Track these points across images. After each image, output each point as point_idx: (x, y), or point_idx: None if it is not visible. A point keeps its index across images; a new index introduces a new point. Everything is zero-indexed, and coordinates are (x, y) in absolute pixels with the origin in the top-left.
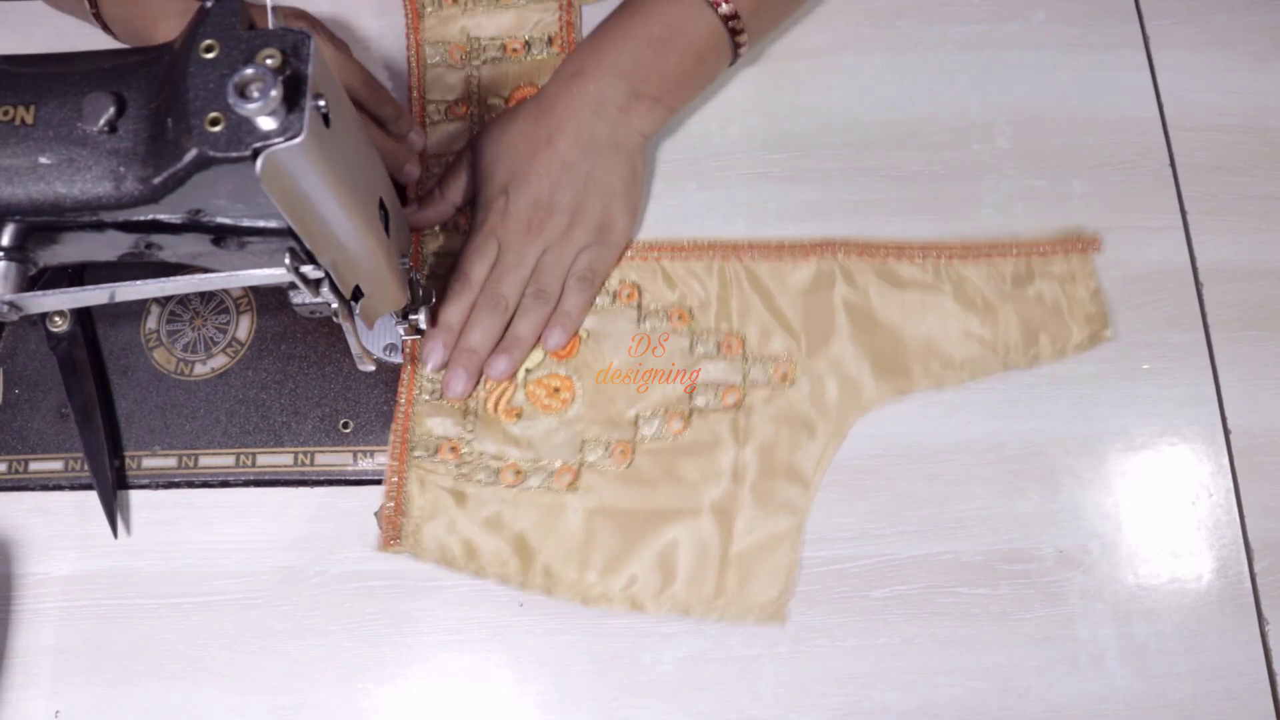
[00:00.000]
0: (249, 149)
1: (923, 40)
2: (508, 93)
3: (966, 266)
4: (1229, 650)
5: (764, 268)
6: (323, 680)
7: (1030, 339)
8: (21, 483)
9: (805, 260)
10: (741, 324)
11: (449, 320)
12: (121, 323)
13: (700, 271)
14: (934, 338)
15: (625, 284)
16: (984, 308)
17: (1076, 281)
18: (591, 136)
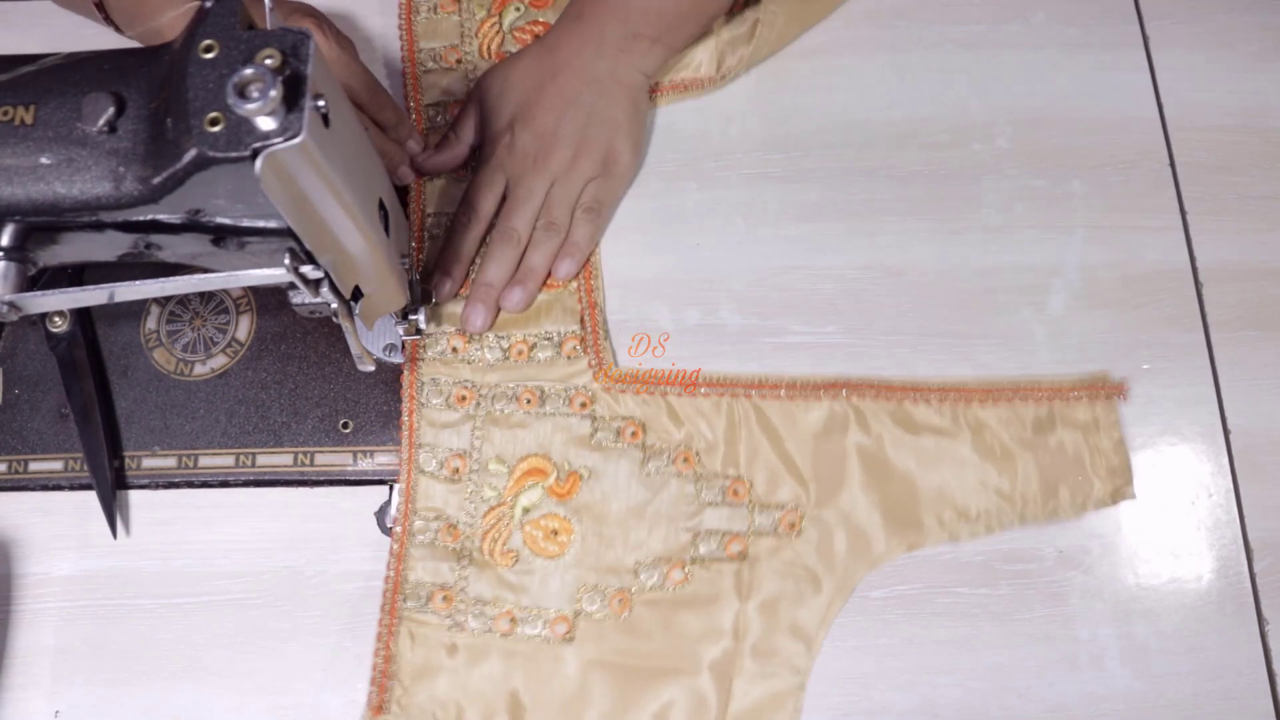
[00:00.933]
0: (248, 149)
1: (923, 40)
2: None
3: (986, 410)
4: (1229, 650)
5: (774, 407)
6: (323, 680)
7: (1049, 492)
8: (21, 483)
9: (817, 401)
10: (749, 469)
11: (458, 252)
12: (121, 323)
13: (708, 410)
14: (949, 488)
15: (630, 421)
16: (1002, 456)
17: (1100, 431)
18: (594, 73)
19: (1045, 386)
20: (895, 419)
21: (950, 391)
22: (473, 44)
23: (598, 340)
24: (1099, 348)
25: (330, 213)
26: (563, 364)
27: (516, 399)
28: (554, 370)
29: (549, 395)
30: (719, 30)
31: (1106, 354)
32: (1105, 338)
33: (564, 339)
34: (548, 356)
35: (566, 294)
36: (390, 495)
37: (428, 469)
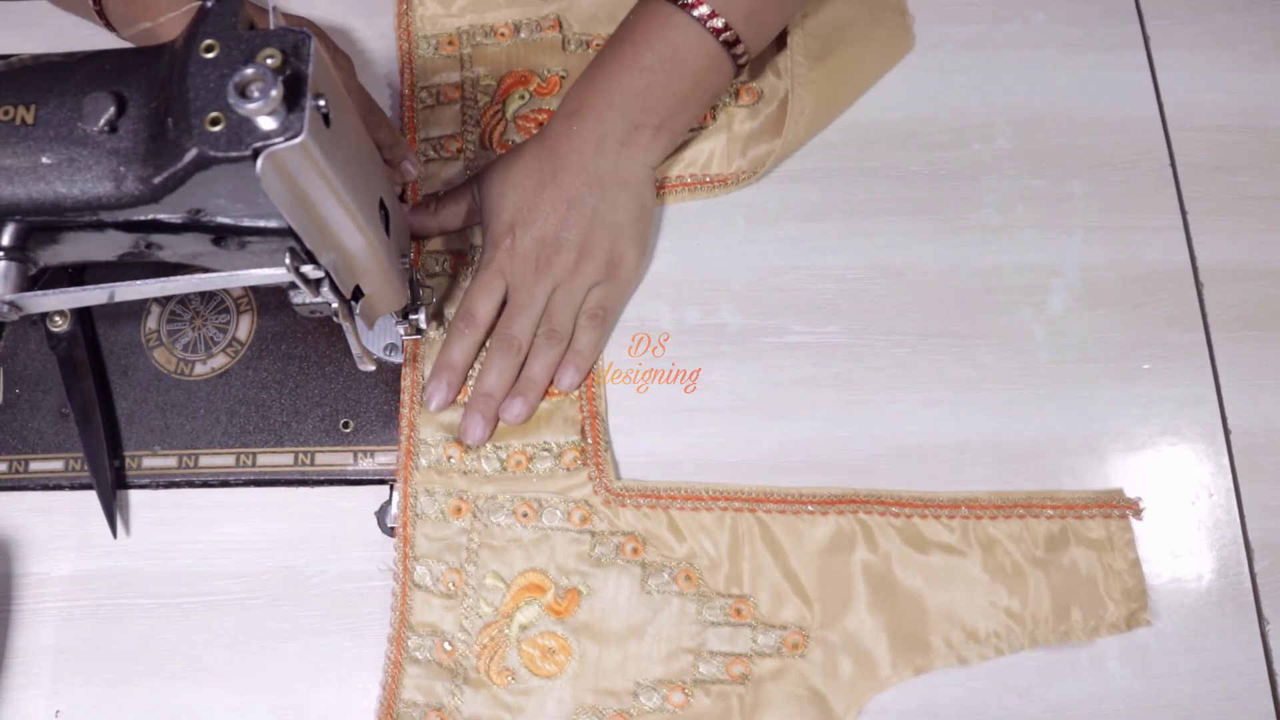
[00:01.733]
0: (249, 149)
1: (923, 40)
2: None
3: (997, 525)
4: (1229, 650)
5: (779, 522)
6: (323, 680)
7: (1061, 614)
8: (21, 483)
9: (824, 516)
10: (753, 587)
11: (454, 360)
12: (121, 323)
13: (710, 524)
14: (958, 608)
15: (630, 536)
16: (1013, 574)
17: (1114, 550)
18: (596, 172)
19: (1059, 502)
20: (904, 536)
21: (961, 506)
22: (474, 133)
23: (598, 452)
24: (1099, 348)
25: (331, 212)
26: (562, 476)
27: (514, 512)
28: (553, 483)
29: (546, 508)
30: (731, 123)
31: (1106, 354)
32: (1105, 338)
33: (564, 450)
34: (547, 468)
35: (567, 403)
36: (390, 495)
37: (423, 584)
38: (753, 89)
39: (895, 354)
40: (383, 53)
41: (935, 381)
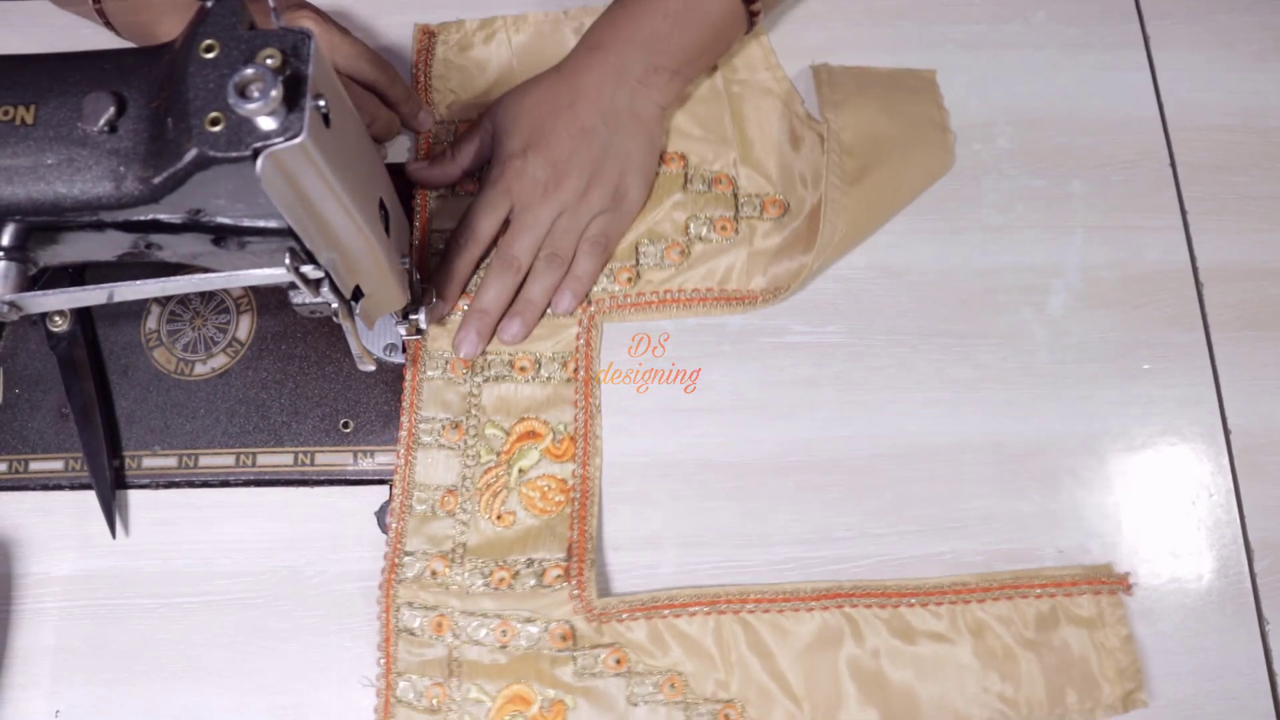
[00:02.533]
0: (249, 149)
1: (923, 40)
2: (511, 422)
3: (985, 609)
4: (1229, 650)
5: (764, 621)
6: (323, 680)
7: (1056, 697)
8: (21, 483)
9: (809, 612)
10: (741, 691)
11: (456, 271)
12: (121, 323)
13: (694, 631)
14: (950, 698)
15: (613, 649)
16: (1005, 658)
17: (1106, 627)
18: (612, 104)
19: (1046, 580)
20: (891, 627)
21: (948, 593)
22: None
23: (582, 571)
24: (1099, 348)
25: (330, 212)
26: (544, 594)
27: (494, 631)
28: (534, 600)
29: (526, 628)
30: (753, 237)
31: (1106, 354)
32: (1105, 338)
33: (547, 568)
34: (530, 586)
35: (558, 520)
36: (390, 495)
37: (406, 699)
38: (779, 201)
39: (895, 354)
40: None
41: (935, 381)
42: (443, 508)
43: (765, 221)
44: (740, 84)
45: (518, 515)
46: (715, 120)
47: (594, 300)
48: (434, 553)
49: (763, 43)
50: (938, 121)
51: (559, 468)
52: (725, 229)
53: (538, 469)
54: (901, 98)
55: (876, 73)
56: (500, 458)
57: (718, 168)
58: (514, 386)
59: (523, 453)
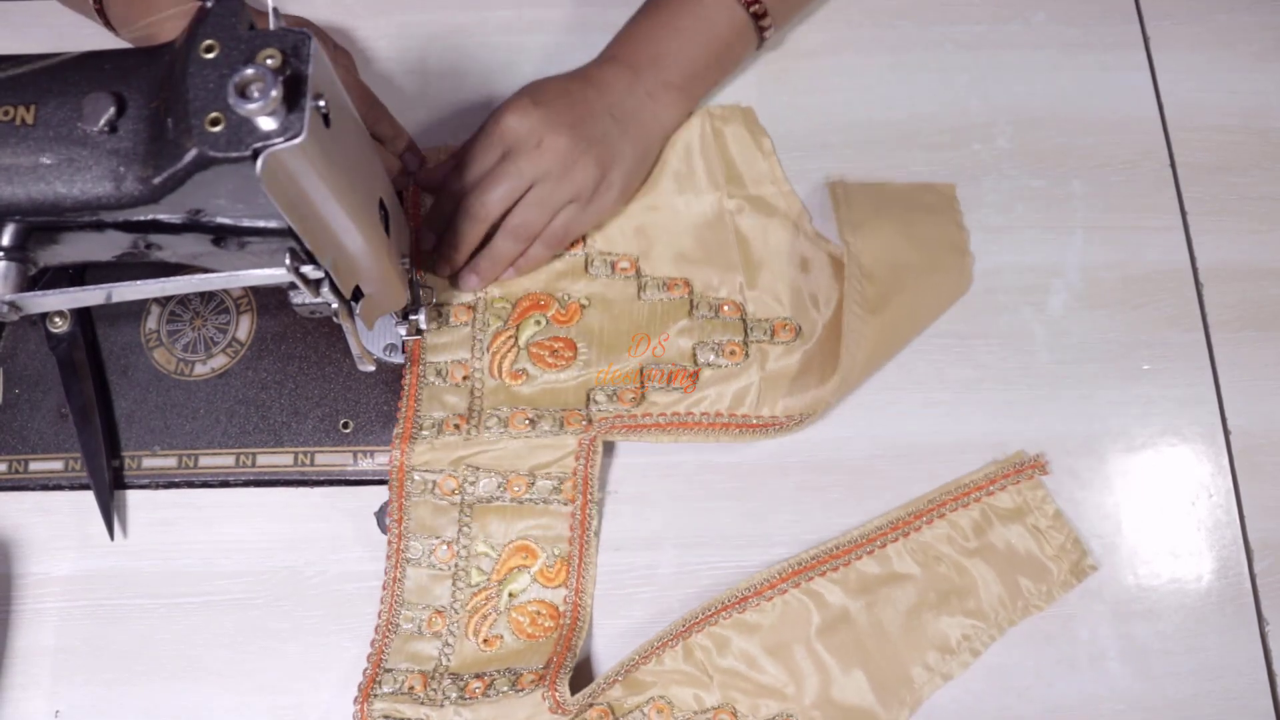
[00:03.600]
0: (249, 149)
1: (923, 40)
2: (499, 551)
3: (926, 534)
4: (1229, 650)
5: (728, 625)
6: (323, 680)
7: (1014, 592)
8: (21, 483)
9: (769, 602)
10: (727, 697)
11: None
12: (121, 323)
13: (666, 664)
14: (923, 630)
15: (595, 708)
16: (958, 574)
17: (1033, 511)
18: (621, 106)
19: (966, 487)
20: (848, 587)
21: (889, 531)
22: (483, 360)
23: (555, 675)
24: (1099, 348)
25: (330, 213)
26: (516, 698)
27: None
28: (506, 704)
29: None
30: (765, 360)
31: (1106, 354)
32: (1105, 338)
33: (520, 675)
34: (503, 691)
35: (545, 643)
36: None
37: None
38: (789, 325)
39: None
40: (383, 52)
41: (935, 381)
42: (429, 628)
43: (776, 345)
44: (746, 199)
45: (504, 639)
46: (720, 245)
47: (595, 420)
48: (415, 671)
49: (768, 154)
50: (958, 244)
51: (551, 593)
52: (734, 354)
53: (528, 593)
54: (920, 218)
55: (894, 189)
56: (491, 579)
57: (724, 294)
58: (504, 508)
59: (513, 576)
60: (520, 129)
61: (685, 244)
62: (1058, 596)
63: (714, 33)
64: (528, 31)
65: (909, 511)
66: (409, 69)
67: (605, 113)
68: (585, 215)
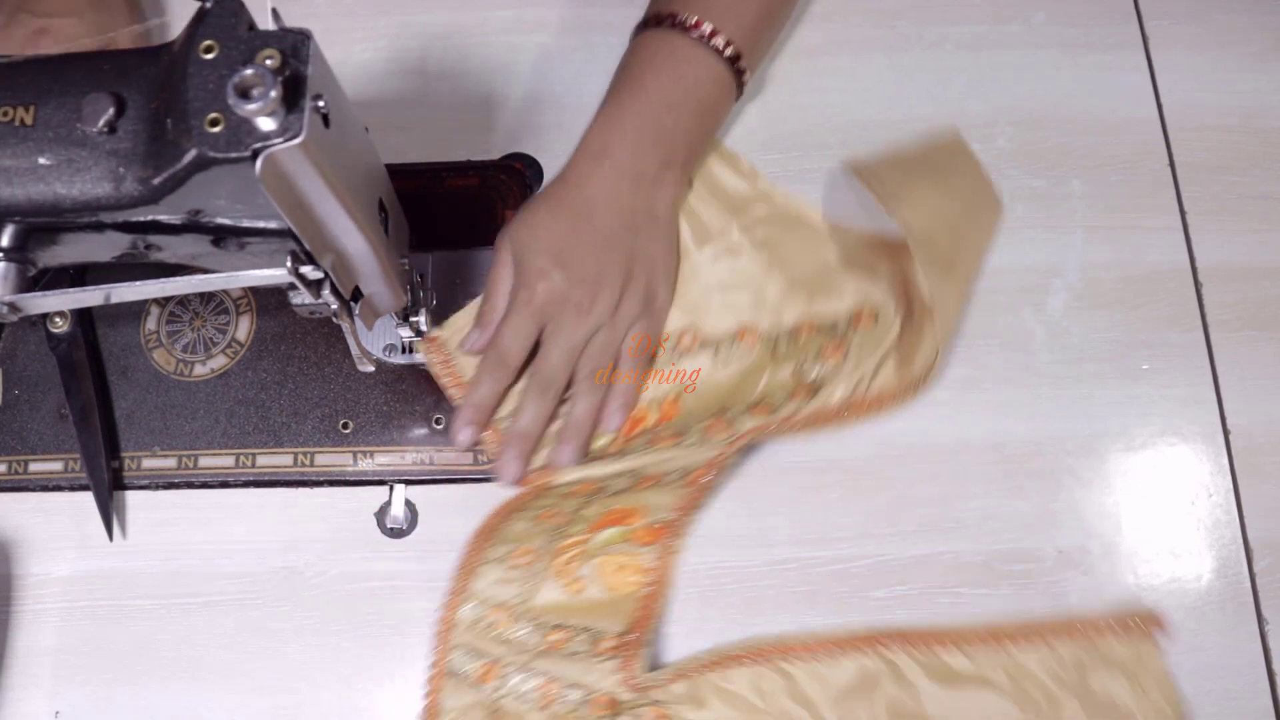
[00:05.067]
0: (248, 149)
1: (923, 40)
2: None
3: (1023, 652)
4: (1229, 650)
5: (802, 670)
6: (323, 680)
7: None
8: (21, 483)
9: (846, 657)
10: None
11: (482, 400)
12: (121, 323)
13: (734, 685)
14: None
15: (654, 706)
16: (1048, 703)
17: (1146, 672)
18: (631, 210)
19: (1081, 622)
20: (929, 672)
21: (983, 634)
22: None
23: (635, 651)
24: (1099, 348)
25: (330, 213)
26: (592, 664)
27: (537, 689)
28: (580, 666)
29: (570, 691)
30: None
31: (1106, 354)
32: (1105, 338)
33: (602, 639)
34: (579, 653)
35: (627, 600)
36: (390, 495)
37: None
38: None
39: None
40: (383, 52)
41: (935, 381)
42: (518, 557)
43: (861, 332)
44: (760, 223)
45: (588, 586)
46: (752, 280)
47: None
48: (497, 603)
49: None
50: (982, 177)
51: (642, 550)
52: (835, 352)
53: (619, 546)
54: (946, 167)
55: (908, 151)
56: (586, 530)
57: (790, 321)
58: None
59: (608, 529)
60: (555, 305)
61: (732, 295)
62: None
63: (703, 98)
64: (528, 31)
65: (1012, 629)
66: (409, 69)
67: (621, 228)
68: (652, 324)
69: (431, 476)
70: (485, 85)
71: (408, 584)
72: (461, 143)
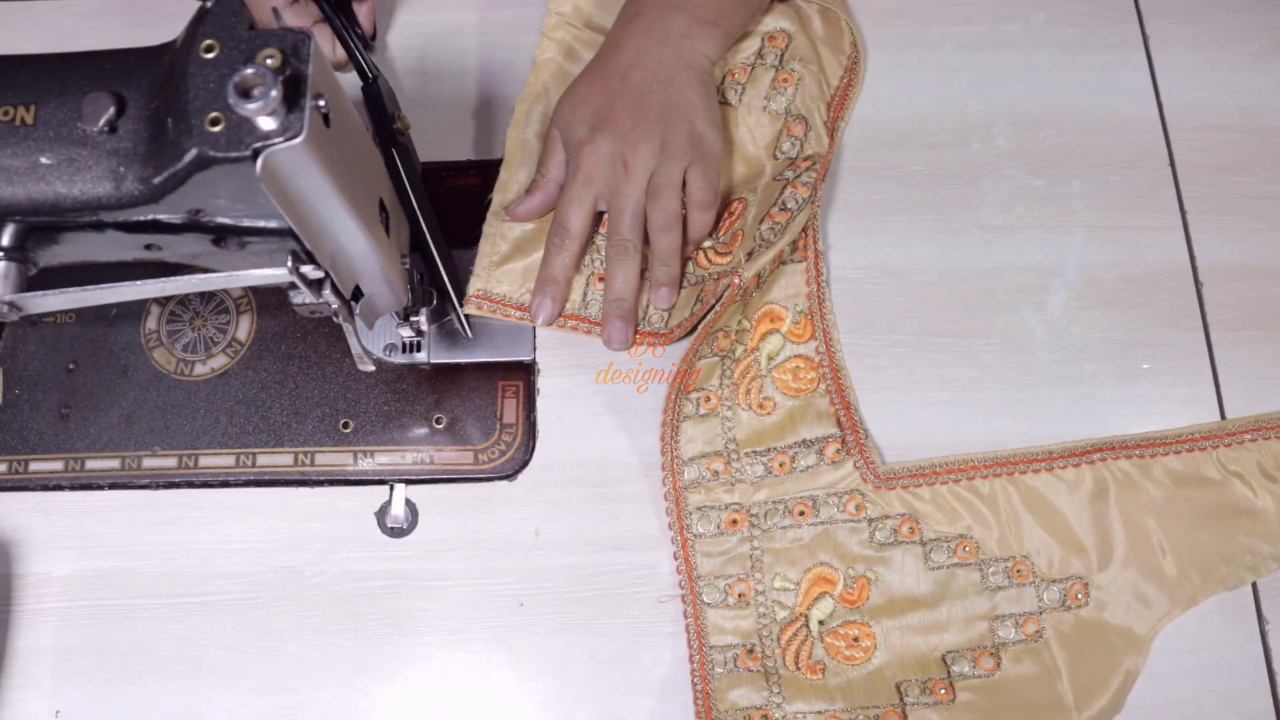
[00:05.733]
0: (249, 149)
1: (923, 40)
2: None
3: (1233, 449)
4: (1229, 650)
5: (1038, 479)
6: (323, 680)
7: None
8: (21, 483)
9: (1076, 468)
10: (1027, 547)
11: (555, 274)
12: (121, 323)
13: (975, 496)
14: (1219, 531)
15: (905, 519)
16: (1256, 494)
17: None
18: (661, 63)
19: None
20: (1149, 475)
21: (1197, 439)
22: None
23: (859, 440)
24: (1099, 348)
25: (330, 213)
26: (827, 470)
27: (790, 512)
28: (820, 478)
29: (821, 504)
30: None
31: (1106, 354)
32: (1105, 338)
33: (824, 444)
34: (810, 465)
35: (817, 397)
36: (390, 495)
37: (712, 601)
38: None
39: (895, 354)
40: (383, 52)
41: (935, 382)
42: (705, 406)
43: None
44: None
45: (776, 400)
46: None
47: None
48: (709, 453)
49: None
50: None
51: (803, 348)
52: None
53: (784, 353)
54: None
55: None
56: (747, 350)
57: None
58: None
59: (767, 340)
60: (601, 168)
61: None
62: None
63: None
64: (528, 32)
65: (1217, 428)
66: (409, 69)
67: (653, 80)
68: (707, 166)
69: (431, 476)
70: (485, 85)
71: (408, 584)
72: (461, 143)
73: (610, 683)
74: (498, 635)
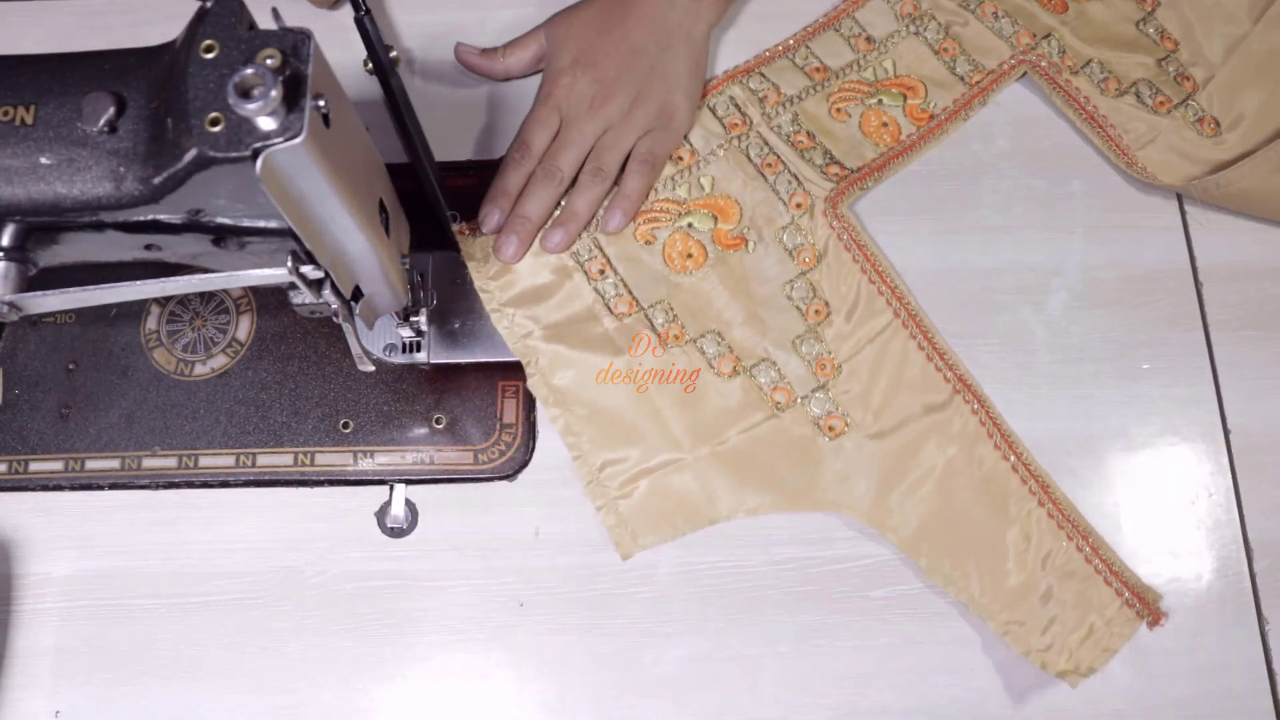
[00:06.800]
0: (249, 149)
1: None
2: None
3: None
4: (1229, 650)
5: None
6: (323, 680)
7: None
8: (21, 483)
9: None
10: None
11: (506, 186)
12: (121, 323)
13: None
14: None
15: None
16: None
17: (1110, 629)
18: (664, 23)
19: (1108, 560)
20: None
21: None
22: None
23: (855, 185)
24: (1099, 348)
25: (330, 213)
26: (816, 171)
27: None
28: (807, 167)
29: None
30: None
31: (1106, 354)
32: (1105, 338)
33: (832, 163)
34: (816, 163)
35: (873, 150)
36: (390, 495)
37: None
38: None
39: None
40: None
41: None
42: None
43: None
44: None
45: (849, 120)
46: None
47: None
48: (775, 86)
49: None
50: None
51: (902, 115)
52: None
53: (891, 100)
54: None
55: None
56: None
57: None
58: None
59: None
60: (571, 100)
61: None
62: (1033, 662)
63: None
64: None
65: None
66: (409, 69)
67: (650, 38)
68: (666, 137)
69: (431, 476)
70: (485, 85)
71: (408, 584)
72: (461, 143)
73: (610, 683)
74: (498, 635)
